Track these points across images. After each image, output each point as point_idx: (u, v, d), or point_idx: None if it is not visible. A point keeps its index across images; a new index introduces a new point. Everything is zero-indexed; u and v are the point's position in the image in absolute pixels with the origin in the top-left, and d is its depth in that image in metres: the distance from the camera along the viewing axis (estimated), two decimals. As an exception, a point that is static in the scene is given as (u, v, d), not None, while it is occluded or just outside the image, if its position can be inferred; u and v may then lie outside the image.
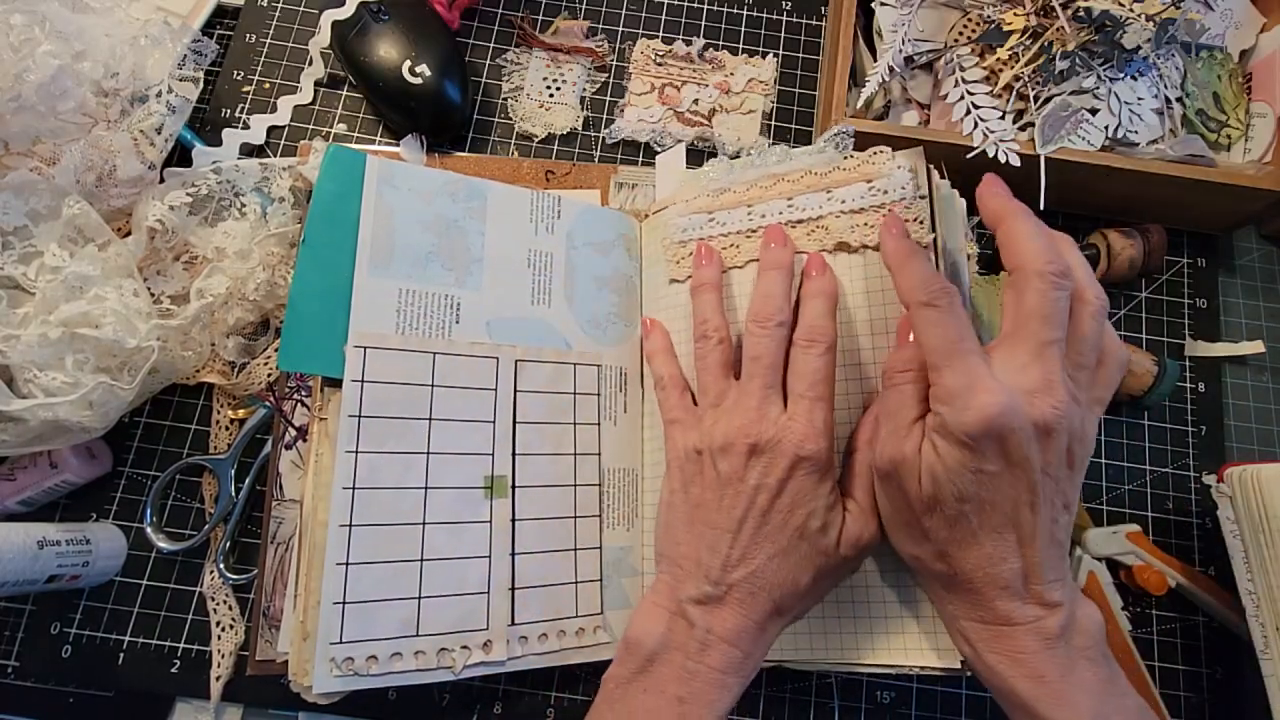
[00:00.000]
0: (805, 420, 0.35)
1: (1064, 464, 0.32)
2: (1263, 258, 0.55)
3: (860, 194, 0.41)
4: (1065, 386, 0.32)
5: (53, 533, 0.42)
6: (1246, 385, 0.53)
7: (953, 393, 0.31)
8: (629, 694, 0.35)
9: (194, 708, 0.45)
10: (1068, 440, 0.32)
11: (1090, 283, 0.34)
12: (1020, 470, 0.31)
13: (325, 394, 0.41)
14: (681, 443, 0.39)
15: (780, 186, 0.44)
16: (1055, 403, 0.31)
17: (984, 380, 0.31)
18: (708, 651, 0.34)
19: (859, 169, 0.42)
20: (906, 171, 0.40)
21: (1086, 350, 0.33)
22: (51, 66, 0.43)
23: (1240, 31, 0.53)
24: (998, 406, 0.30)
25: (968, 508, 0.32)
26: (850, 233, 0.41)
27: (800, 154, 0.44)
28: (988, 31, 0.50)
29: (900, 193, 0.40)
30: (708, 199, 0.46)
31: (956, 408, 0.31)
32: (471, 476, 0.41)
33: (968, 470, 0.31)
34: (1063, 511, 0.33)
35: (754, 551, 0.35)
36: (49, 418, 0.40)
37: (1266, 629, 0.40)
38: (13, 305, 0.42)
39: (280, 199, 0.50)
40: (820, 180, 0.43)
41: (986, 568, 0.33)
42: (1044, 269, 0.32)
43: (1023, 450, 0.31)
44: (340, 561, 0.37)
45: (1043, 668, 0.32)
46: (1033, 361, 0.32)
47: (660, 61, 0.58)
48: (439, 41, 0.52)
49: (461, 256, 0.44)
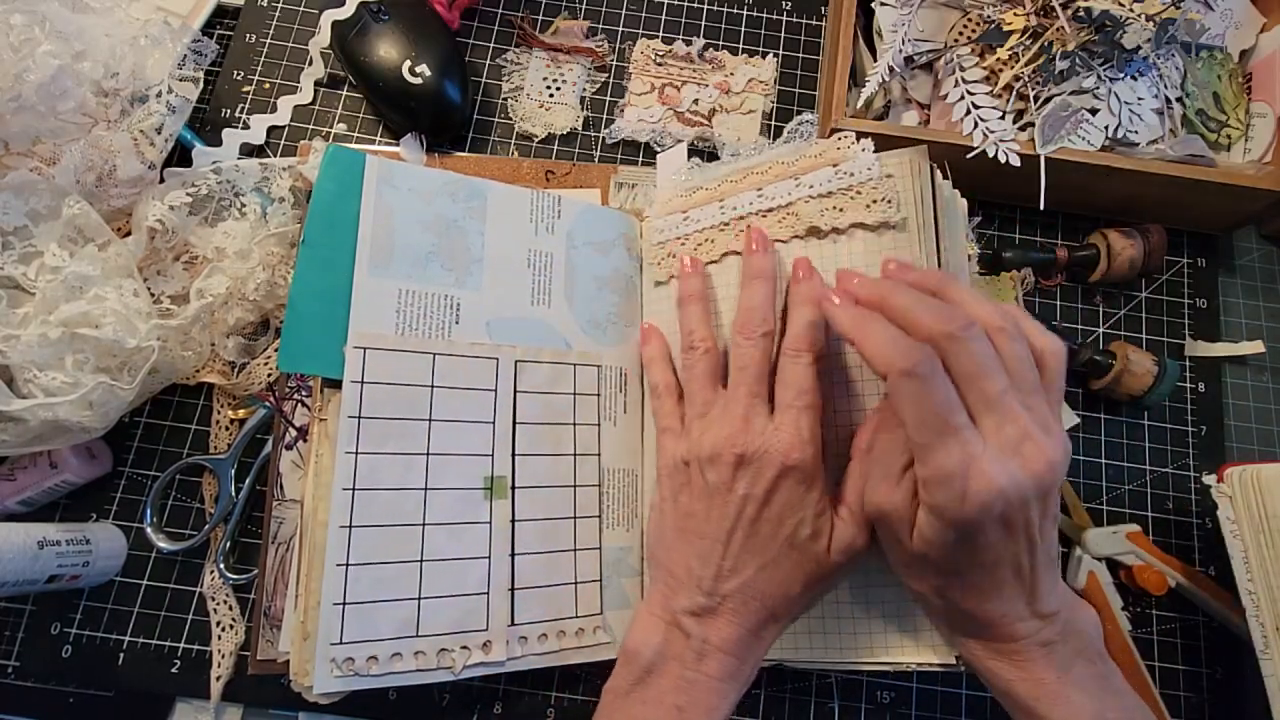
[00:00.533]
0: (792, 429, 0.35)
1: (1057, 498, 0.31)
2: (1263, 258, 0.55)
3: (827, 178, 0.42)
4: (1043, 430, 0.30)
5: (53, 533, 0.42)
6: (1246, 385, 0.53)
7: (947, 476, 0.29)
8: (628, 705, 0.35)
9: (194, 708, 0.45)
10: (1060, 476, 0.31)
11: (983, 307, 0.32)
12: (1022, 533, 0.30)
13: (325, 394, 0.41)
14: (671, 452, 0.39)
15: (750, 179, 0.44)
16: (1049, 455, 0.29)
17: (978, 461, 0.29)
18: (705, 661, 0.34)
19: (824, 155, 0.42)
20: (870, 154, 0.41)
21: (1023, 370, 0.31)
22: (51, 66, 0.43)
23: (1240, 31, 0.53)
24: (995, 491, 0.28)
25: (963, 566, 0.31)
26: (820, 217, 0.41)
27: (770, 148, 0.45)
28: (988, 31, 0.50)
29: (865, 174, 0.40)
30: (682, 199, 0.47)
31: (953, 494, 0.29)
32: (471, 477, 0.41)
33: (965, 546, 0.30)
34: (1051, 529, 0.32)
35: (745, 561, 0.35)
36: (49, 418, 0.40)
37: (1266, 629, 0.40)
38: (13, 305, 0.42)
39: (280, 199, 0.50)
40: (788, 169, 0.43)
41: (986, 605, 0.32)
42: (946, 335, 0.30)
43: (1026, 515, 0.30)
44: (340, 562, 0.37)
45: (1041, 671, 0.32)
46: (1003, 423, 0.29)
47: (660, 61, 0.58)
48: (439, 41, 0.52)
49: (461, 256, 0.44)
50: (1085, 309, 0.53)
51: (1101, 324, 0.53)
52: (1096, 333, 0.53)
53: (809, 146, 0.44)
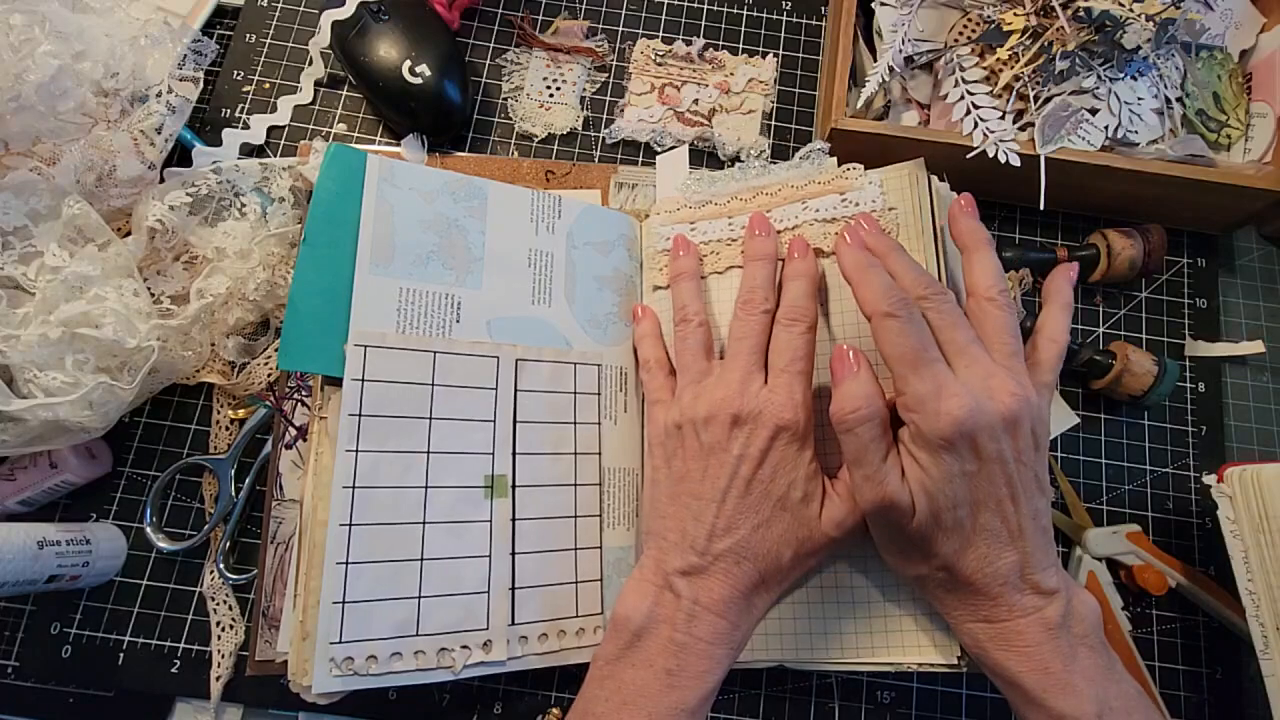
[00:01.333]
0: (785, 393, 0.36)
1: (1032, 448, 0.34)
2: (1263, 258, 0.55)
3: (833, 204, 0.44)
4: (1010, 373, 0.34)
5: (53, 533, 0.42)
6: (1246, 385, 0.53)
7: (922, 399, 0.33)
8: (618, 670, 0.35)
9: (194, 708, 0.45)
10: (1031, 424, 0.33)
11: (981, 275, 0.37)
12: (996, 465, 0.33)
13: (325, 393, 0.41)
14: (663, 420, 0.40)
15: (760, 199, 0.46)
16: (1012, 389, 0.33)
17: (949, 385, 0.33)
18: (695, 622, 0.34)
19: (833, 183, 0.44)
20: (876, 186, 0.43)
21: (1005, 338, 0.35)
22: (51, 66, 0.43)
23: (1240, 31, 0.53)
24: (965, 409, 0.32)
25: (961, 513, 0.33)
26: (824, 239, 0.43)
27: (778, 168, 0.47)
28: (988, 31, 0.50)
29: (870, 205, 0.43)
30: (690, 210, 0.48)
31: (928, 414, 0.33)
32: (472, 476, 0.41)
33: (954, 474, 0.33)
34: (1039, 495, 0.34)
35: (738, 521, 0.36)
36: (49, 418, 0.40)
37: (1266, 629, 0.40)
38: (13, 305, 0.42)
39: (280, 199, 0.50)
40: (797, 193, 0.45)
41: (984, 567, 0.34)
42: (922, 296, 0.36)
43: (995, 444, 0.33)
44: (340, 561, 0.37)
45: (1048, 659, 0.33)
46: (971, 363, 0.34)
47: (660, 61, 0.58)
48: (439, 41, 0.52)
49: (462, 256, 0.44)
50: (1085, 309, 0.53)
51: (1101, 324, 0.53)
52: (1096, 333, 0.53)
53: (819, 172, 0.45)
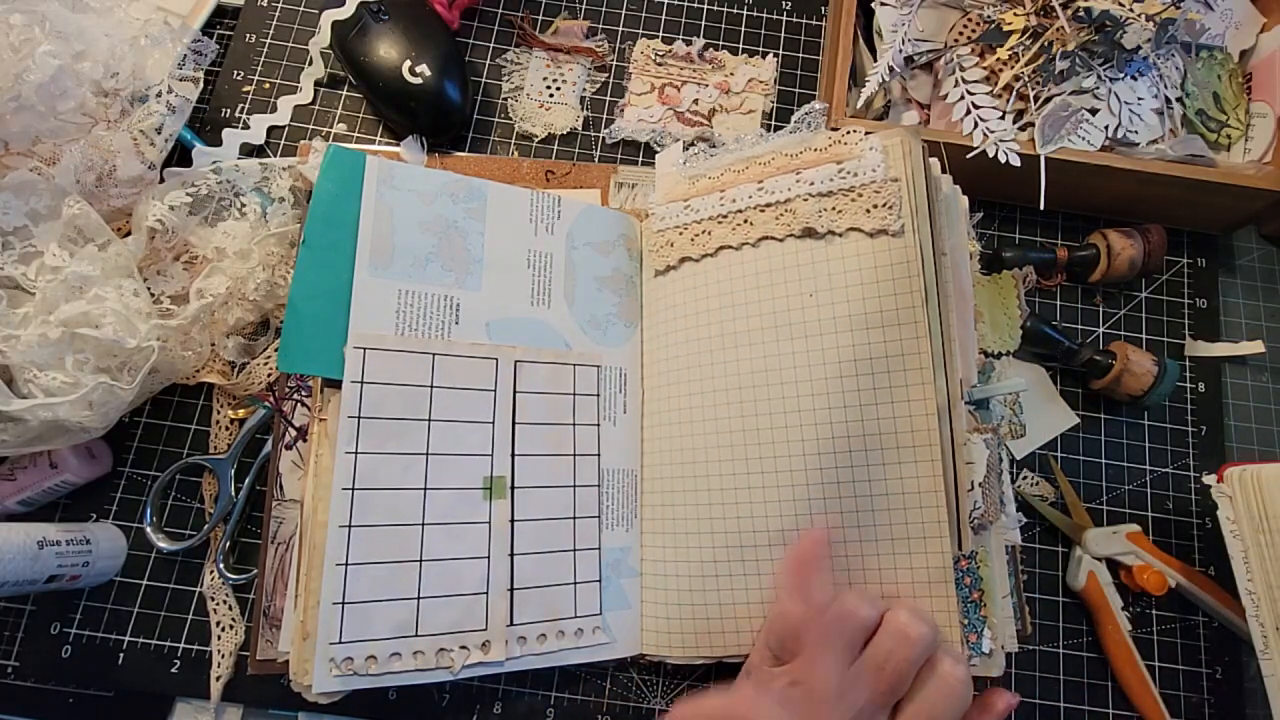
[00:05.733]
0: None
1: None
2: (1263, 258, 0.55)
3: (829, 176, 0.40)
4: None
5: (53, 533, 0.42)
6: (1246, 385, 0.52)
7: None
8: None
9: (194, 708, 0.45)
10: None
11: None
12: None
13: (325, 394, 0.41)
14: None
15: (752, 170, 0.43)
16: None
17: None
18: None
19: (830, 149, 0.41)
20: (879, 153, 0.39)
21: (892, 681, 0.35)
22: (51, 66, 0.43)
23: (1240, 31, 0.53)
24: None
25: None
26: (817, 218, 0.40)
27: (775, 136, 0.44)
28: (988, 31, 0.50)
29: (870, 175, 0.39)
30: (685, 186, 0.46)
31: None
32: (470, 477, 0.41)
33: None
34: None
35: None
36: (49, 418, 0.40)
37: (1266, 629, 0.40)
38: (13, 305, 0.42)
39: (280, 199, 0.50)
40: (791, 162, 0.42)
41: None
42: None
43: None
44: (340, 562, 0.37)
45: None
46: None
47: (660, 61, 0.58)
48: (439, 41, 0.52)
49: (461, 257, 0.44)
50: (1085, 309, 0.53)
51: (1101, 324, 0.53)
52: (1096, 333, 0.53)
53: (815, 137, 0.42)
